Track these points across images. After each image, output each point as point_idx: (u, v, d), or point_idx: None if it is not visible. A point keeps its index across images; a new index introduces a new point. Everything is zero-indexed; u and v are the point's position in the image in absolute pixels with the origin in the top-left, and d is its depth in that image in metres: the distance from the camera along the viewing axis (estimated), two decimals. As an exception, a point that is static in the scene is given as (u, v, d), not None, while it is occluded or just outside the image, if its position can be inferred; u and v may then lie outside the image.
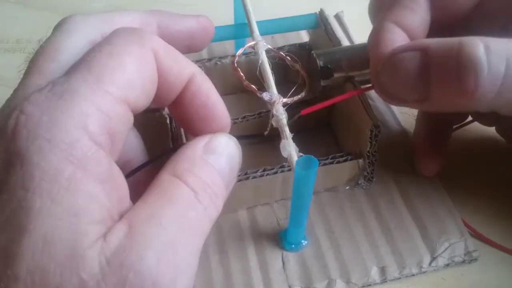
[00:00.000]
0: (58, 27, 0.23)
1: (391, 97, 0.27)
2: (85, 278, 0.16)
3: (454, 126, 0.35)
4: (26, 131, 0.17)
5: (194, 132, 0.24)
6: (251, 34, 0.32)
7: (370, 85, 0.29)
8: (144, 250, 0.17)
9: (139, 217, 0.18)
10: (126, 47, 0.20)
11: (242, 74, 0.29)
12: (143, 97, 0.20)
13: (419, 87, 0.25)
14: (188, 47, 0.28)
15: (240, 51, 0.31)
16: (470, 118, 0.35)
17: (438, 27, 0.29)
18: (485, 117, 0.34)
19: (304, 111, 0.28)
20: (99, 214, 0.18)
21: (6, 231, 0.16)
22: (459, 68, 0.23)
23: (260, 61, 0.29)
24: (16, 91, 0.21)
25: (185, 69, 0.22)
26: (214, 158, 0.22)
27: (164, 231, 0.18)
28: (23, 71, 0.22)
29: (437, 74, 0.24)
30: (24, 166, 0.17)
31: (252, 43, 0.31)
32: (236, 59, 0.30)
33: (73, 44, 0.22)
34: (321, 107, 0.28)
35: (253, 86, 0.28)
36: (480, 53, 0.23)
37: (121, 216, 0.19)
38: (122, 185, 0.19)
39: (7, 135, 0.17)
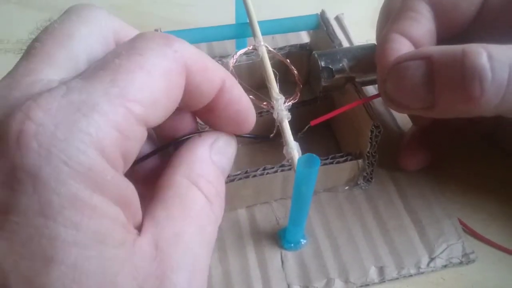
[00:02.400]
0: (72, 12, 0.21)
1: (397, 105, 0.27)
2: None
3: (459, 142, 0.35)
4: (37, 145, 0.15)
5: (218, 129, 0.23)
6: (252, 34, 0.33)
7: (377, 93, 0.29)
8: (176, 275, 0.17)
9: (165, 236, 0.18)
10: (158, 61, 0.18)
11: (238, 81, 0.29)
12: (163, 116, 0.19)
13: (425, 94, 0.25)
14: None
15: (236, 57, 0.31)
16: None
17: (443, 36, 0.29)
18: (483, 126, 0.35)
19: (314, 122, 0.28)
20: (122, 235, 0.17)
21: (28, 259, 0.15)
22: (464, 75, 0.24)
23: (261, 61, 0.29)
24: (14, 75, 0.18)
25: (216, 78, 0.21)
26: (219, 158, 0.22)
27: (190, 251, 0.18)
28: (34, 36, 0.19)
29: (442, 82, 0.25)
30: (38, 189, 0.15)
31: (250, 47, 0.31)
32: (233, 65, 0.30)
33: (89, 34, 0.20)
34: (330, 116, 0.28)
35: (252, 97, 0.28)
36: (483, 61, 0.23)
37: (136, 227, 0.18)
38: (135, 199, 0.19)
39: (9, 142, 0.15)
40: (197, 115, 0.23)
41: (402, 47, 0.28)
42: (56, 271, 0.15)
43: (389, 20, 0.30)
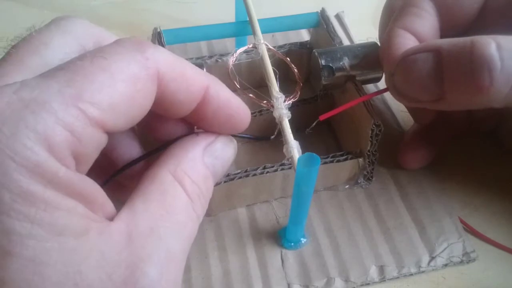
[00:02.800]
0: (52, 23, 0.21)
1: (406, 98, 0.27)
2: None
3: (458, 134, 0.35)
4: None
5: (213, 131, 0.23)
6: (252, 32, 0.32)
7: (386, 87, 0.29)
8: (148, 267, 0.17)
9: (140, 229, 0.18)
10: (124, 66, 0.18)
11: (237, 84, 0.29)
12: (124, 122, 0.18)
13: (434, 86, 0.25)
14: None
15: (238, 51, 0.31)
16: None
17: (446, 33, 0.29)
18: (485, 123, 0.35)
19: (322, 117, 0.28)
20: (82, 226, 0.17)
21: None
22: (473, 66, 0.24)
23: (261, 60, 0.29)
24: None
25: (195, 86, 0.20)
26: (212, 161, 0.22)
27: (164, 245, 0.18)
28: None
29: (451, 73, 0.25)
30: None
31: (250, 45, 0.31)
32: (232, 63, 0.30)
33: (64, 44, 0.20)
34: (339, 111, 0.28)
35: (251, 95, 0.28)
36: (492, 51, 0.23)
37: (109, 217, 0.18)
38: (96, 191, 0.18)
39: None
40: (188, 120, 0.23)
41: (407, 41, 0.28)
42: (14, 264, 0.15)
43: (392, 16, 0.30)
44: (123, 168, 0.23)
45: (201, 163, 0.22)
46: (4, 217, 0.15)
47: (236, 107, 0.22)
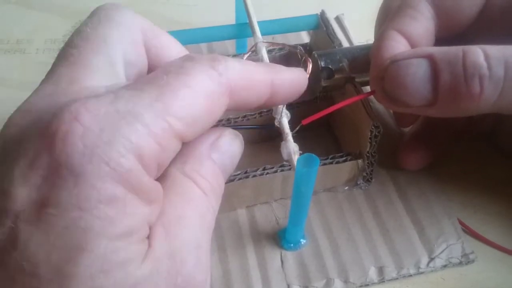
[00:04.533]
0: (101, 14, 0.22)
1: (396, 103, 0.27)
2: None
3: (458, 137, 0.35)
4: (82, 146, 0.16)
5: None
6: (252, 34, 0.33)
7: (371, 90, 0.29)
8: (186, 255, 0.19)
9: (170, 219, 0.19)
10: (203, 82, 0.19)
11: None
12: (200, 133, 0.20)
13: (427, 92, 0.26)
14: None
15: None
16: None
17: (443, 36, 0.29)
18: (483, 123, 0.35)
19: (305, 121, 0.28)
20: (146, 229, 0.18)
21: (59, 249, 0.16)
22: (465, 74, 0.24)
23: (261, 61, 0.29)
24: (58, 82, 0.19)
25: (262, 88, 0.22)
26: (219, 157, 0.23)
27: (193, 233, 0.20)
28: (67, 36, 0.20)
29: (445, 80, 0.25)
30: (79, 185, 0.16)
31: (253, 48, 0.31)
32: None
33: (121, 38, 0.21)
34: (322, 115, 0.28)
35: None
36: (481, 59, 0.24)
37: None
38: (161, 198, 0.20)
39: (55, 141, 0.16)
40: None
41: (398, 45, 0.28)
42: (85, 259, 0.16)
43: (388, 17, 0.30)
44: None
45: (209, 159, 0.22)
46: (87, 215, 0.16)
47: (298, 81, 0.23)
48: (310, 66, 0.28)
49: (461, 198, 0.33)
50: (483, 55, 0.24)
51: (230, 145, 0.23)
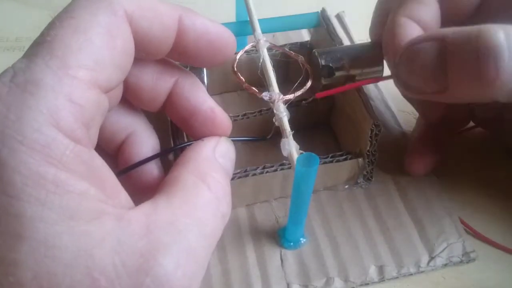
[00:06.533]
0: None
1: (410, 89, 0.27)
2: (98, 277, 0.16)
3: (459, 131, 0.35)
4: None
5: (199, 65, 0.23)
6: (252, 32, 0.32)
7: (390, 75, 0.28)
8: (163, 258, 0.17)
9: (160, 222, 0.18)
10: (93, 18, 0.18)
11: (242, 77, 0.29)
12: (116, 74, 0.19)
13: (438, 77, 0.25)
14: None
15: (240, 53, 0.31)
16: (472, 124, 0.35)
17: (446, 24, 0.29)
18: (488, 122, 0.34)
19: (319, 94, 0.27)
20: (95, 210, 0.17)
21: (0, 238, 0.16)
22: (478, 55, 0.22)
23: (261, 59, 0.29)
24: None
25: (168, 18, 0.20)
26: (223, 161, 0.23)
27: (184, 239, 0.18)
28: None
29: (456, 63, 0.24)
30: (0, 172, 0.15)
31: (253, 42, 0.31)
32: (236, 63, 0.30)
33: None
34: (337, 91, 0.27)
35: (254, 89, 0.28)
36: (501, 39, 0.22)
37: (119, 205, 0.18)
38: (108, 174, 0.19)
39: None
40: (175, 59, 0.23)
41: (412, 31, 0.27)
42: (26, 246, 0.15)
43: (396, 4, 0.29)
44: (137, 164, 0.23)
45: (216, 162, 0.22)
46: (15, 200, 0.15)
47: (215, 32, 0.22)
48: (310, 82, 0.28)
49: (462, 197, 0.33)
50: (504, 34, 0.22)
51: (229, 150, 0.24)
